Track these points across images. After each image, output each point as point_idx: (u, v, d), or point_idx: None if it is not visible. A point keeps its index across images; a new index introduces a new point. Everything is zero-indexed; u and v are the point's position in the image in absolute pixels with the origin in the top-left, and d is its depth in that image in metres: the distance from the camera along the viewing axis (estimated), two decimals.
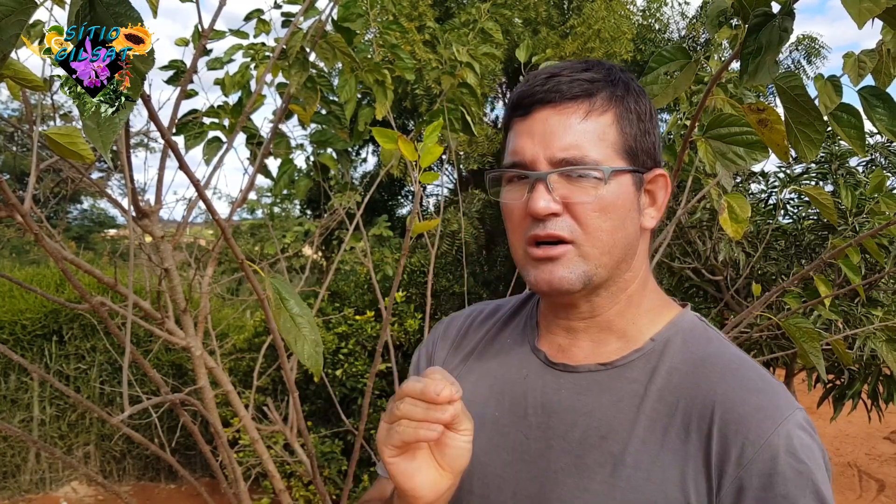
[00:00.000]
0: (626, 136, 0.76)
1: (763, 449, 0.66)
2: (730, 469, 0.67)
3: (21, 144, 10.16)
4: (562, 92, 0.75)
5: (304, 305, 1.14)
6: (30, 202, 1.30)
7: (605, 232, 0.75)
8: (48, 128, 1.26)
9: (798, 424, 0.68)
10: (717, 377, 0.72)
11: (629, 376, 0.76)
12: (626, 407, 0.74)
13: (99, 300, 1.56)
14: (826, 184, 3.60)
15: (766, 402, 0.69)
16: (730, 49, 2.25)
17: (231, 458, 1.86)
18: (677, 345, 0.77)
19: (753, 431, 0.67)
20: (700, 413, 0.70)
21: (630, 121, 0.77)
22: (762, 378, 0.72)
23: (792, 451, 0.66)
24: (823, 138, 1.13)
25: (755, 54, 1.01)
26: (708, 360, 0.74)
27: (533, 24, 7.74)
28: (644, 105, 0.79)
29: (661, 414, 0.72)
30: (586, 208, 0.74)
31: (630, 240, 0.77)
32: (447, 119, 2.09)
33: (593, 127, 0.75)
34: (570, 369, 0.79)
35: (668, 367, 0.75)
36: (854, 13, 0.91)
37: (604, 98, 0.76)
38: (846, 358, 2.13)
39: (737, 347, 0.77)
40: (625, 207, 0.76)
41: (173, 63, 1.85)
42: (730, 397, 0.70)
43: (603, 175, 0.74)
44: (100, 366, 5.02)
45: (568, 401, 0.78)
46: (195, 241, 3.62)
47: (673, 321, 0.79)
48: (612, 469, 0.72)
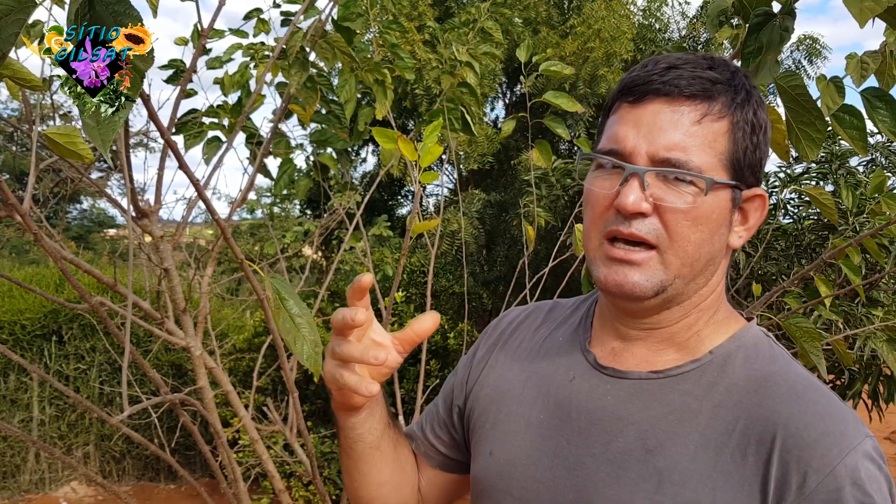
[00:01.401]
0: (736, 148, 0.71)
1: (828, 479, 0.62)
2: (789, 498, 0.63)
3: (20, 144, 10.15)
4: (680, 87, 0.70)
5: (303, 305, 1.14)
6: (29, 202, 1.30)
7: (692, 243, 0.70)
8: (47, 128, 1.26)
9: (866, 454, 0.64)
10: (781, 398, 0.68)
11: (682, 388, 0.72)
12: (677, 420, 0.70)
13: (98, 300, 1.56)
14: (826, 184, 3.60)
15: (833, 428, 0.65)
16: (730, 48, 2.24)
17: (231, 459, 1.85)
18: (739, 360, 0.73)
19: (818, 459, 0.63)
20: (760, 435, 0.66)
21: (744, 132, 0.72)
22: (830, 402, 0.68)
23: (858, 484, 0.62)
24: (824, 138, 1.13)
25: (756, 54, 1.01)
26: (771, 379, 0.70)
27: (533, 23, 7.74)
28: (761, 118, 0.73)
29: (716, 432, 0.68)
30: (678, 215, 0.70)
31: (714, 255, 0.73)
32: (447, 119, 2.09)
33: (705, 131, 0.70)
34: (620, 374, 0.76)
35: (727, 384, 0.71)
36: (855, 12, 0.91)
37: (723, 103, 0.71)
38: (846, 358, 2.12)
39: (803, 367, 0.73)
40: (717, 222, 0.71)
41: (173, 62, 1.85)
42: (794, 421, 0.66)
43: (704, 185, 0.69)
44: (99, 366, 5.01)
45: (613, 408, 0.74)
46: (195, 240, 3.62)
47: (736, 335, 0.75)
48: (656, 485, 0.69)
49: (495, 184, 7.92)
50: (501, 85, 8.60)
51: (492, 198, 6.89)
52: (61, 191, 2.92)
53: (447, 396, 0.95)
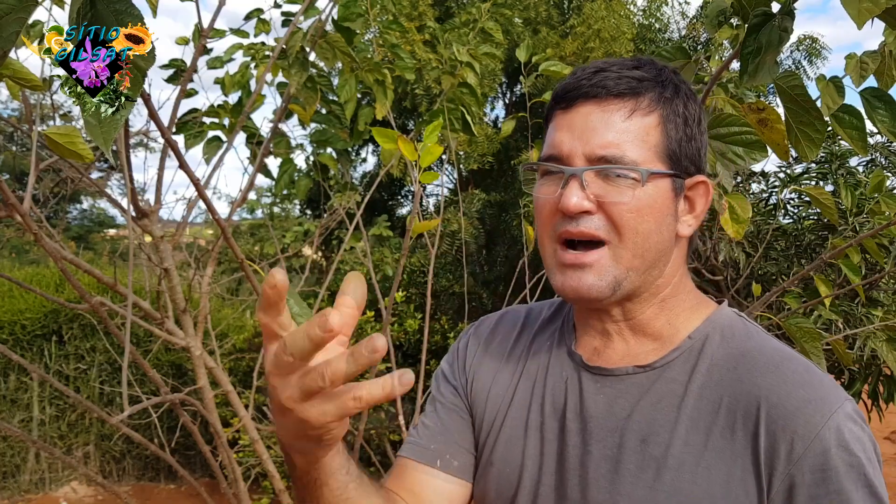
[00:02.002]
0: (669, 139, 0.74)
1: (814, 443, 0.65)
2: (780, 466, 0.65)
3: (21, 144, 10.16)
4: (608, 88, 0.73)
5: (304, 305, 1.14)
6: (29, 202, 1.30)
7: (639, 234, 0.73)
8: (48, 127, 1.26)
9: (848, 416, 0.66)
10: (760, 372, 0.70)
11: (668, 376, 0.74)
12: (666, 407, 0.72)
13: (98, 300, 1.56)
14: (826, 184, 3.60)
15: (812, 394, 0.67)
16: (730, 48, 2.25)
17: (231, 458, 1.86)
18: (716, 340, 0.75)
19: (802, 426, 0.65)
20: (745, 410, 0.69)
21: (676, 124, 0.75)
22: (807, 370, 0.70)
23: (843, 444, 0.65)
24: (824, 138, 1.13)
25: (755, 54, 1.01)
26: (749, 354, 0.73)
27: (533, 23, 7.74)
28: (693, 109, 0.77)
29: (703, 413, 0.71)
30: (621, 208, 0.72)
31: (664, 246, 0.75)
32: (447, 119, 2.09)
33: (636, 127, 0.73)
34: (607, 372, 0.77)
35: (707, 364, 0.73)
36: (853, 13, 0.91)
37: (651, 98, 0.74)
38: (846, 358, 2.12)
39: (778, 341, 0.75)
40: (661, 212, 0.74)
41: (173, 62, 1.85)
42: (775, 392, 0.68)
43: (640, 177, 0.72)
44: (99, 366, 5.01)
45: (605, 405, 0.76)
46: (195, 240, 3.62)
47: (710, 318, 0.77)
48: (654, 473, 0.70)
49: (495, 184, 7.92)
50: (501, 85, 8.60)
51: (492, 198, 6.89)
52: (61, 191, 2.92)
53: (450, 407, 0.90)
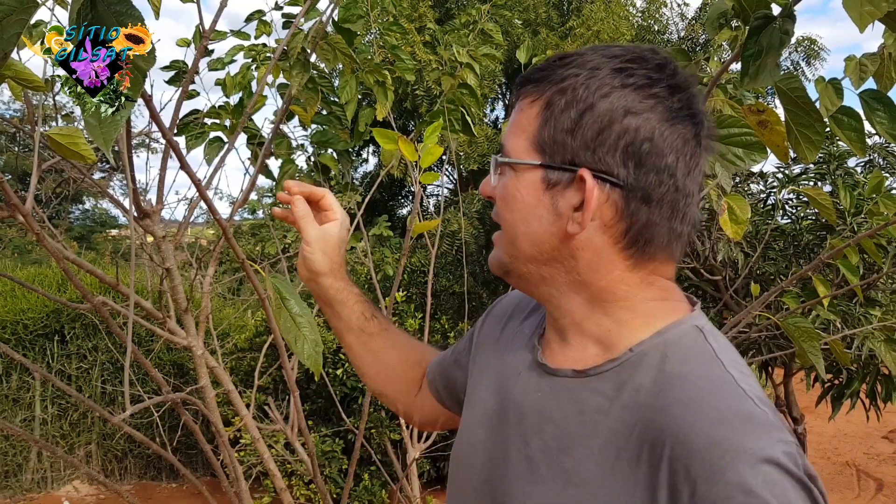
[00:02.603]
0: (548, 129, 0.70)
1: (717, 488, 0.58)
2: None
3: (23, 145, 10.17)
4: (522, 78, 0.74)
5: (304, 305, 1.15)
6: (31, 202, 1.31)
7: (506, 222, 0.75)
8: (50, 128, 1.27)
9: (765, 459, 0.59)
10: (678, 402, 0.64)
11: (597, 387, 0.70)
12: (588, 421, 0.69)
13: (101, 300, 1.57)
14: (824, 184, 3.61)
15: (726, 434, 0.60)
16: (729, 50, 2.25)
17: (232, 457, 1.86)
18: (655, 359, 0.69)
19: (707, 468, 0.59)
20: (653, 441, 0.64)
21: (562, 114, 0.69)
22: (731, 405, 0.63)
23: (751, 491, 0.57)
24: (823, 139, 1.14)
25: (756, 56, 1.02)
26: (676, 380, 0.66)
27: (533, 25, 7.75)
28: (591, 99, 0.68)
29: (618, 436, 0.67)
30: (497, 196, 0.76)
31: (540, 239, 0.72)
32: (447, 119, 2.10)
33: (521, 117, 0.73)
34: (550, 372, 0.75)
35: (636, 384, 0.68)
36: (855, 16, 0.91)
37: (547, 88, 0.71)
38: (844, 358, 2.13)
39: (726, 365, 0.67)
40: (527, 203, 0.72)
41: (175, 63, 1.86)
42: (683, 427, 0.62)
43: (503, 167, 0.75)
44: (101, 365, 5.02)
45: (539, 404, 0.74)
46: (196, 241, 3.63)
47: (662, 330, 0.71)
48: (562, 486, 0.69)
49: None
50: (501, 86, 8.60)
51: None
52: (64, 191, 2.93)
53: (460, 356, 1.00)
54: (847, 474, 5.66)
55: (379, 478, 4.30)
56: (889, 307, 3.23)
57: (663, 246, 0.71)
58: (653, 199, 0.69)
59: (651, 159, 0.68)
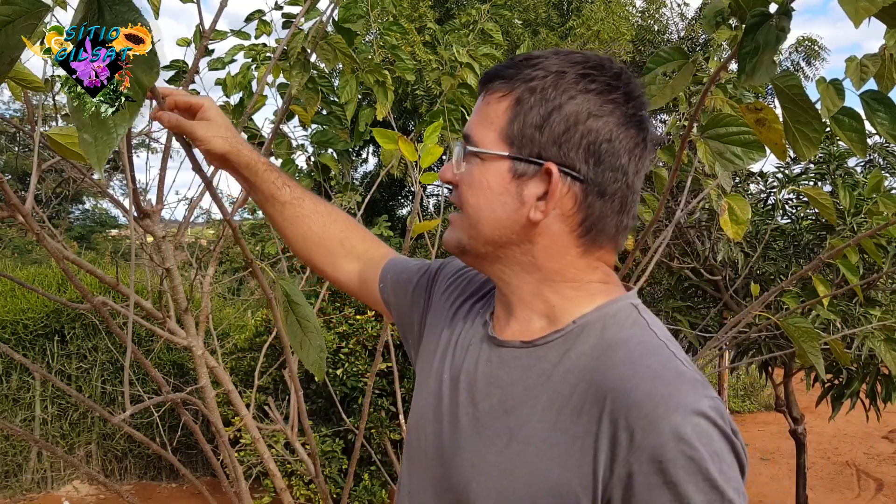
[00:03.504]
0: (517, 123, 0.77)
1: (652, 436, 0.66)
2: (621, 454, 0.67)
3: (23, 145, 10.17)
4: (488, 76, 0.80)
5: (310, 310, 1.16)
6: (31, 202, 1.31)
7: (470, 206, 0.80)
8: (50, 128, 1.27)
9: (695, 411, 0.66)
10: (616, 364, 0.72)
11: (542, 355, 0.78)
12: (532, 385, 0.77)
13: (101, 300, 1.57)
14: (824, 184, 3.61)
15: (660, 388, 0.68)
16: (729, 50, 2.25)
17: (232, 457, 1.86)
18: (596, 329, 0.77)
19: (643, 418, 0.67)
20: (594, 397, 0.71)
21: (532, 111, 0.76)
22: (664, 365, 0.71)
23: (683, 437, 0.65)
24: (821, 137, 1.14)
25: (752, 54, 1.02)
26: (614, 346, 0.75)
27: (533, 25, 7.75)
28: (550, 96, 0.76)
29: (560, 395, 0.74)
30: (462, 183, 0.81)
31: (503, 224, 0.79)
32: (447, 120, 2.10)
33: (489, 109, 0.79)
34: (499, 343, 0.83)
35: (578, 351, 0.76)
36: (851, 12, 0.91)
37: (510, 86, 0.78)
38: (844, 358, 2.13)
39: (657, 336, 0.76)
40: (493, 190, 0.79)
41: (175, 63, 1.86)
42: (623, 383, 0.70)
43: (464, 154, 0.80)
44: (101, 365, 5.03)
45: (488, 372, 0.82)
46: (196, 241, 3.63)
47: (601, 306, 0.79)
48: (507, 441, 0.76)
49: None
50: None
51: None
52: (64, 191, 2.93)
53: (412, 280, 1.07)
54: (847, 474, 5.66)
55: (379, 478, 4.30)
56: (889, 307, 3.23)
57: (611, 236, 0.80)
58: (607, 193, 0.77)
59: (608, 158, 0.76)
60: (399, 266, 1.10)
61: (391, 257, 1.13)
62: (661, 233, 2.33)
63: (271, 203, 1.11)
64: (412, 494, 0.88)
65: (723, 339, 2.29)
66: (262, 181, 1.09)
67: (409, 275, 1.07)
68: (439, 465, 0.83)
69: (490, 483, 0.75)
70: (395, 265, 1.10)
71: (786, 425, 4.13)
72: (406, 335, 1.07)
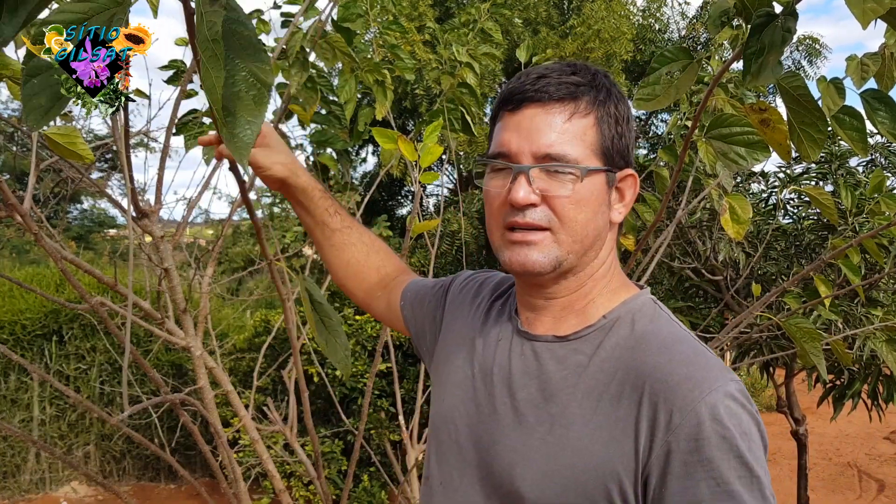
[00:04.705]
0: (603, 138, 0.84)
1: (689, 416, 0.72)
2: (660, 434, 0.73)
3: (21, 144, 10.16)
4: (549, 93, 0.82)
5: (332, 308, 1.17)
6: (29, 202, 1.30)
7: (578, 223, 0.83)
8: (48, 128, 1.26)
9: (727, 394, 0.73)
10: (651, 352, 0.79)
11: (577, 348, 0.84)
12: (571, 375, 0.82)
13: (99, 300, 1.56)
14: (826, 184, 3.60)
15: (694, 373, 0.75)
16: (730, 49, 2.24)
17: (231, 458, 1.86)
18: (626, 322, 0.84)
19: (681, 400, 0.73)
20: (633, 383, 0.77)
21: (609, 124, 0.84)
22: (695, 352, 0.78)
23: (717, 418, 0.71)
24: (826, 138, 1.13)
25: (758, 55, 1.01)
26: (647, 336, 0.81)
27: (533, 24, 7.74)
28: (622, 110, 0.86)
29: (599, 382, 0.80)
30: (564, 201, 0.82)
31: (600, 231, 0.86)
32: (447, 119, 2.09)
33: (575, 128, 0.82)
34: (532, 338, 0.89)
35: (613, 343, 0.82)
36: (858, 13, 0.91)
37: (587, 101, 0.83)
38: (846, 358, 2.13)
39: (681, 327, 0.84)
40: (596, 202, 0.84)
41: (173, 63, 1.85)
42: (660, 369, 0.76)
43: (580, 173, 0.82)
44: (100, 366, 5.02)
45: (524, 365, 0.87)
46: (195, 241, 3.62)
47: (626, 301, 0.87)
48: (549, 427, 0.81)
49: None
50: (501, 85, 8.60)
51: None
52: (62, 191, 2.92)
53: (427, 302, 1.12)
54: (849, 475, 5.65)
55: (378, 479, 4.29)
56: (891, 307, 3.22)
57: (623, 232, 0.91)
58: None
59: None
60: (419, 284, 1.17)
61: (414, 279, 1.20)
62: (661, 233, 2.32)
63: (321, 228, 1.16)
64: (445, 484, 0.91)
65: (724, 340, 2.28)
66: (315, 207, 1.14)
67: (426, 290, 1.14)
68: (476, 453, 0.87)
69: (535, 466, 0.80)
70: (415, 284, 1.17)
71: (787, 426, 4.12)
72: (420, 343, 1.13)
